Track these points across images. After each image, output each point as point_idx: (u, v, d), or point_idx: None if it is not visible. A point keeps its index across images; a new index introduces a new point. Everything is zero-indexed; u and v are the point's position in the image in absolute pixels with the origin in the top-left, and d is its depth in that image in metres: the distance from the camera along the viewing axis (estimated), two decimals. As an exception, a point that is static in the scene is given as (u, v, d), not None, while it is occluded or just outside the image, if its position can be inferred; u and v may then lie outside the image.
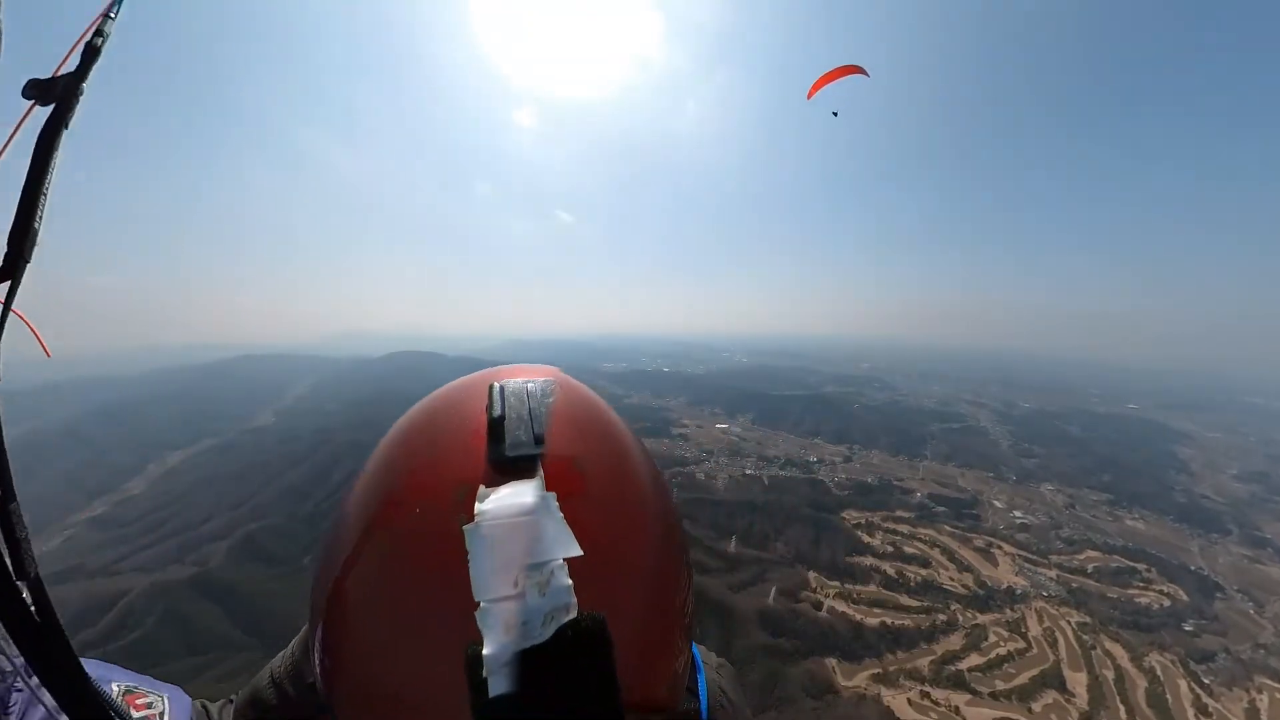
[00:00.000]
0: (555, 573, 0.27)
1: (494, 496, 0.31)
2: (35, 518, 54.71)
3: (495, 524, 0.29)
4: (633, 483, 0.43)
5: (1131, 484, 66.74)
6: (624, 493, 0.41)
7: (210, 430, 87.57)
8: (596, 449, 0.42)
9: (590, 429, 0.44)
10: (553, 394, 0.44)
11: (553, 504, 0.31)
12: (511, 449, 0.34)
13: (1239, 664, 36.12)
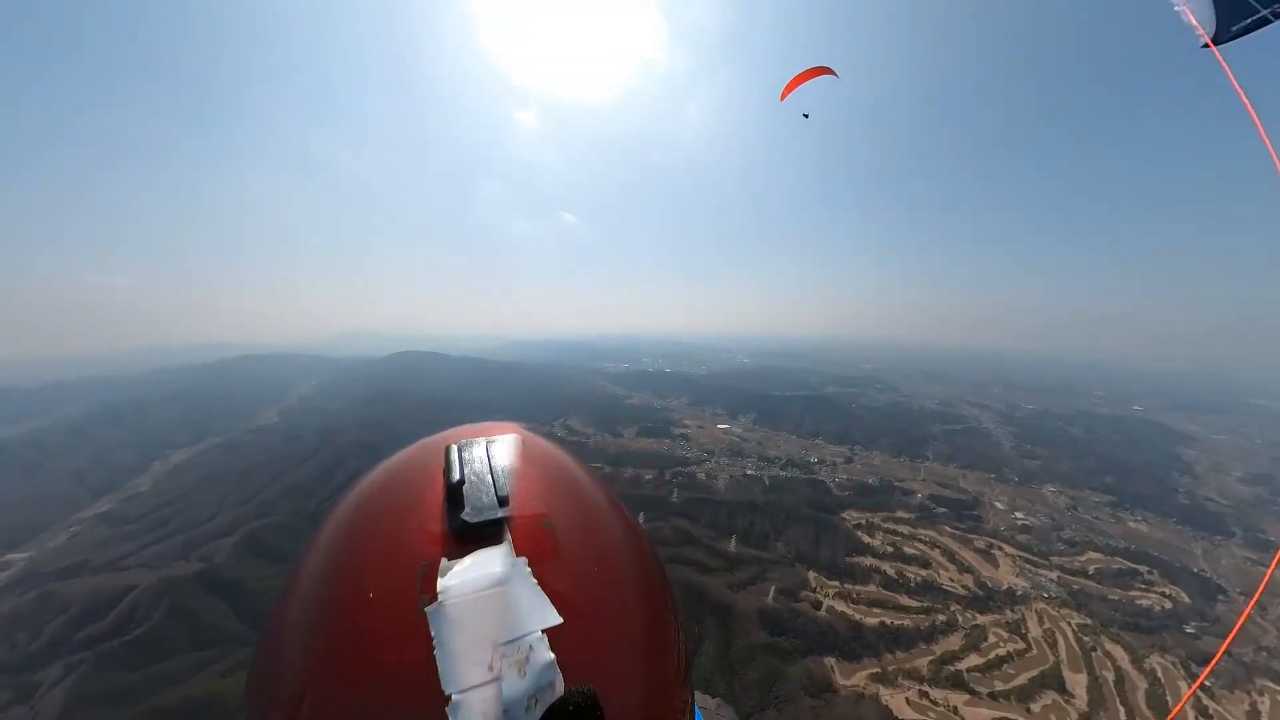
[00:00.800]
0: (534, 648, 0.26)
1: (457, 569, 0.29)
2: (41, 514, 55.50)
3: (461, 601, 0.27)
4: (609, 537, 0.41)
5: (1134, 486, 66.48)
6: (601, 550, 0.37)
7: (214, 429, 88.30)
8: (567, 506, 0.39)
9: (558, 485, 0.42)
10: (515, 453, 0.42)
11: (524, 570, 0.30)
12: (473, 514, 0.33)
13: (1240, 666, 35.98)
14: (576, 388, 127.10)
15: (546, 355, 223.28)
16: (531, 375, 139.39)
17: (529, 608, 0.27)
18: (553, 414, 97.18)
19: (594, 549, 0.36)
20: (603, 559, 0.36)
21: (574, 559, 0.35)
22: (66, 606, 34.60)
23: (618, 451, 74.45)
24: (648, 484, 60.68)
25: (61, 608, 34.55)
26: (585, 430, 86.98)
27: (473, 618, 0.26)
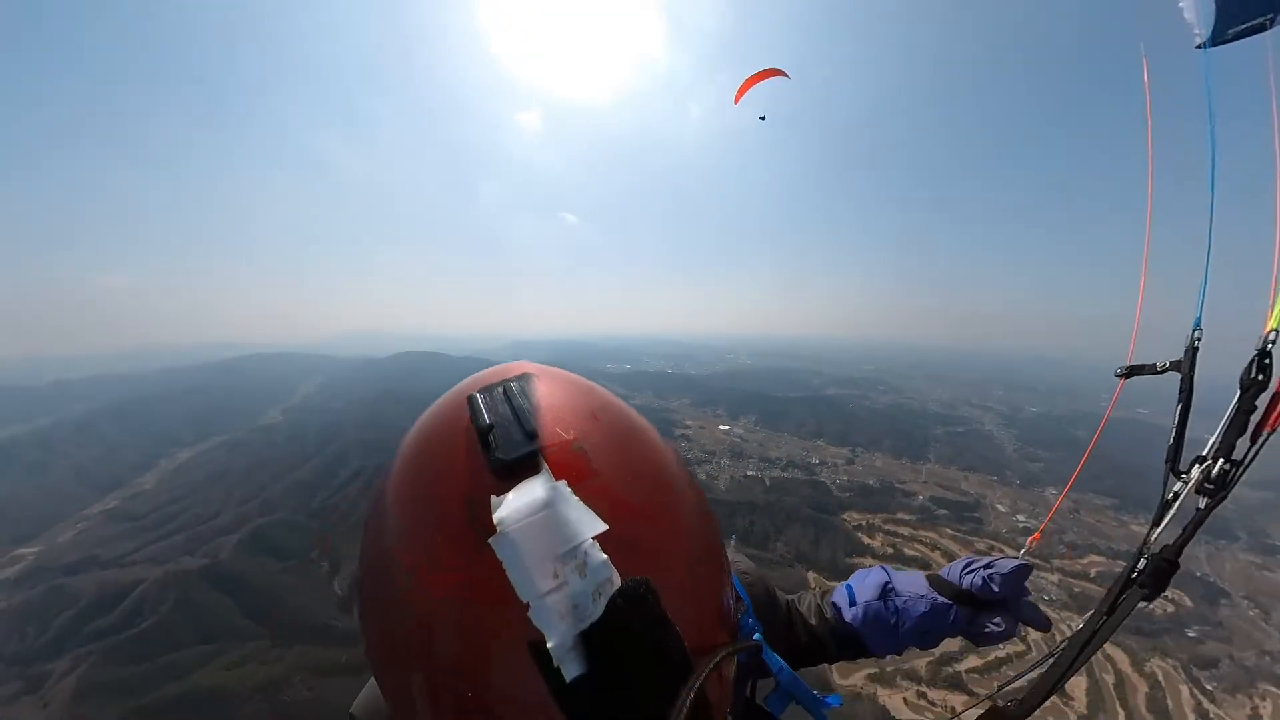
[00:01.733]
0: (589, 552, 0.30)
1: (505, 503, 0.33)
2: (49, 510, 56.36)
3: (517, 528, 0.31)
4: (637, 445, 0.45)
5: (1138, 489, 65.92)
6: (630, 458, 0.43)
7: (220, 428, 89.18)
8: (593, 428, 0.43)
9: (581, 409, 0.45)
10: (533, 388, 0.45)
11: (565, 491, 0.34)
12: (506, 452, 0.36)
13: (1243, 670, 35.87)
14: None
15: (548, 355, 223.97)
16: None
17: (577, 520, 0.31)
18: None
19: (624, 460, 0.42)
20: (634, 467, 0.42)
21: (608, 472, 0.39)
22: (74, 600, 35.17)
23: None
24: (648, 484, 60.85)
25: (69, 602, 35.12)
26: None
27: (530, 539, 0.30)
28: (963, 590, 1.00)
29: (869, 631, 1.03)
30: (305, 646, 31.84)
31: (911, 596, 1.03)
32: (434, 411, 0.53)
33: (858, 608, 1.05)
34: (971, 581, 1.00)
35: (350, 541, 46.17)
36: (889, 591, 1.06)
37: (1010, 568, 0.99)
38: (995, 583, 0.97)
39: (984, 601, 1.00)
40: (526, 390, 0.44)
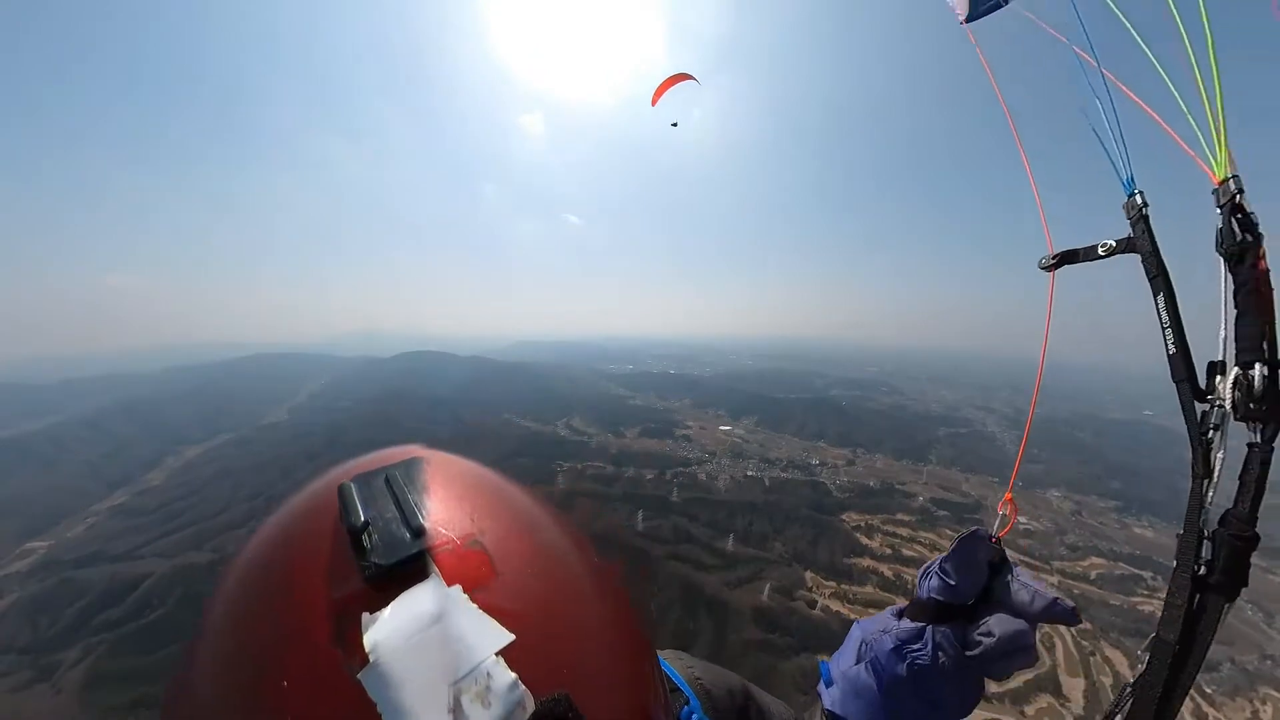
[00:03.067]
0: (493, 673, 0.23)
1: (382, 620, 0.25)
2: (60, 505, 57.42)
3: (397, 652, 0.24)
4: (547, 543, 0.38)
5: (1142, 491, 65.63)
6: (541, 556, 0.36)
7: (226, 426, 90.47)
8: (494, 520, 0.37)
9: (480, 501, 0.39)
10: (423, 477, 0.37)
11: (460, 598, 0.27)
12: (386, 555, 0.28)
13: (1244, 674, 35.68)
14: (580, 388, 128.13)
15: (552, 356, 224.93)
16: (536, 375, 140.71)
17: (475, 634, 0.25)
18: (556, 414, 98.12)
19: (533, 557, 0.35)
20: (544, 565, 0.35)
21: (514, 572, 0.33)
22: (84, 593, 36.00)
23: (619, 451, 75.07)
24: (648, 484, 61.22)
25: (80, 594, 35.95)
26: (588, 430, 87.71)
27: (414, 665, 0.23)
28: (927, 601, 0.75)
29: (859, 710, 0.77)
30: (309, 639, 32.45)
31: (875, 638, 0.78)
32: (294, 506, 0.42)
33: (835, 687, 0.82)
34: (930, 586, 0.75)
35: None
36: (861, 646, 0.81)
37: (957, 542, 0.75)
38: (950, 569, 0.72)
39: (960, 607, 0.73)
40: (413, 477, 0.36)
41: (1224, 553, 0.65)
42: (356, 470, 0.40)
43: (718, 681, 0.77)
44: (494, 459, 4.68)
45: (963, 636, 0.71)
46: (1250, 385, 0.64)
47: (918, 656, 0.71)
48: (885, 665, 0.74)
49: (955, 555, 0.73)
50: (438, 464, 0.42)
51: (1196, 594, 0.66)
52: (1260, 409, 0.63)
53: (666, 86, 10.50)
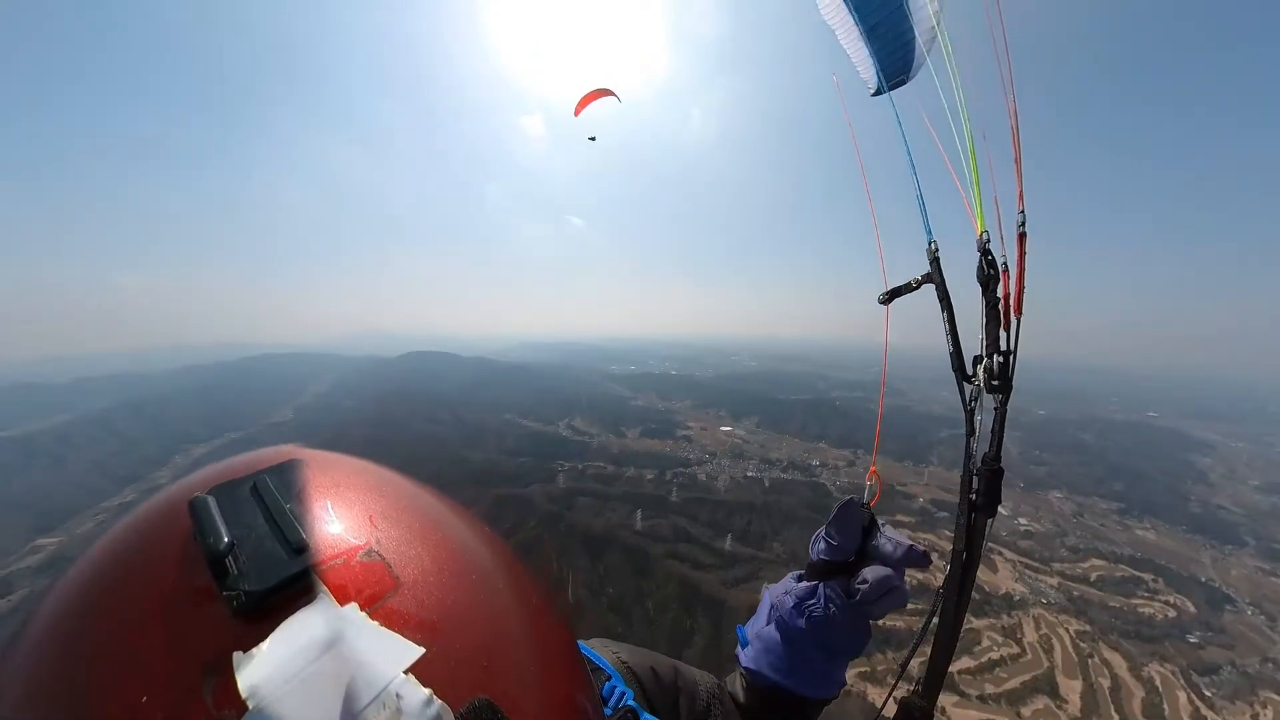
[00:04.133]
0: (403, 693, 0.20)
1: (260, 658, 0.20)
2: (70, 502, 58.44)
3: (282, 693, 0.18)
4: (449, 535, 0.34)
5: (1144, 493, 65.33)
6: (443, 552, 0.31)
7: (233, 425, 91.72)
8: (391, 524, 0.31)
9: (374, 504, 0.33)
10: (302, 481, 0.30)
11: (356, 617, 0.23)
12: (260, 579, 0.22)
13: (1244, 677, 35.52)
14: (582, 388, 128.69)
15: (554, 356, 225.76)
16: (539, 376, 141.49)
17: (378, 654, 0.21)
18: (558, 414, 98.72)
19: (438, 560, 0.30)
20: (452, 566, 0.31)
21: (418, 578, 0.28)
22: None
23: (620, 451, 75.49)
24: (648, 483, 61.60)
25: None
26: (589, 430, 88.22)
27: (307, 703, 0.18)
28: (817, 563, 0.90)
29: (775, 669, 0.87)
30: (313, 634, 33.14)
31: (780, 597, 0.91)
32: (133, 527, 0.30)
33: (750, 647, 0.92)
34: (818, 550, 0.91)
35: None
36: (770, 609, 0.93)
37: (835, 509, 0.89)
38: (833, 532, 0.88)
39: (843, 563, 0.88)
40: (288, 484, 0.29)
41: (983, 483, 0.97)
42: (215, 479, 0.30)
43: (643, 662, 0.81)
44: (495, 458, 5.43)
45: (846, 587, 0.86)
46: (993, 369, 1.02)
47: (813, 610, 0.85)
48: (789, 621, 0.86)
49: (836, 521, 0.88)
50: (320, 466, 0.35)
51: (972, 513, 0.98)
52: (998, 385, 1.01)
53: (589, 100, 10.44)
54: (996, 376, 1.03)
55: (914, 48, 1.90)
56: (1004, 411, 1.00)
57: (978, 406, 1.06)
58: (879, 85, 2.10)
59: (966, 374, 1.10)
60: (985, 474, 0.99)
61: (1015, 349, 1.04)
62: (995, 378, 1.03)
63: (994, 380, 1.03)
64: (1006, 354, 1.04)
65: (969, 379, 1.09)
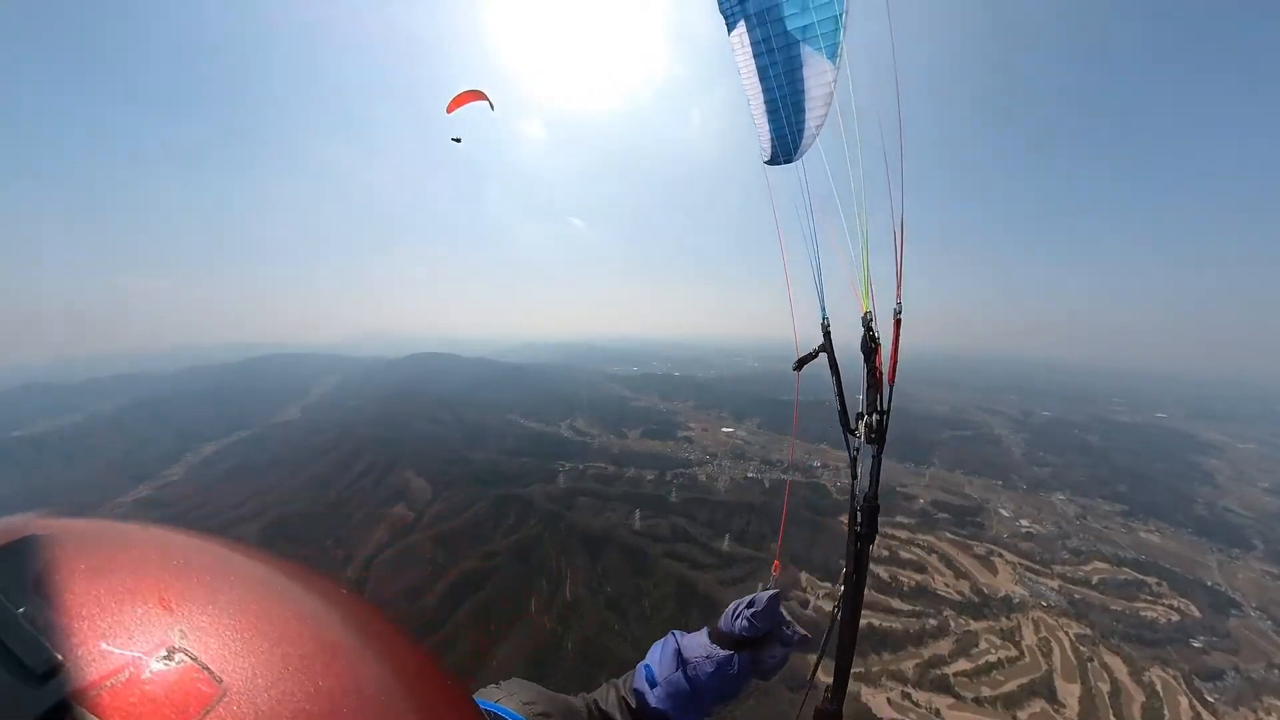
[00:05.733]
0: None
1: None
2: (84, 499, 59.86)
3: None
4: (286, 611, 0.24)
5: (1150, 495, 64.61)
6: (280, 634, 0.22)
7: (242, 423, 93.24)
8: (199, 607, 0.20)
9: (169, 583, 0.22)
10: (41, 566, 0.19)
11: None
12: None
13: (1249, 683, 35.02)
14: (584, 389, 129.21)
15: (557, 357, 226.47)
16: (541, 376, 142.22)
17: None
18: (560, 415, 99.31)
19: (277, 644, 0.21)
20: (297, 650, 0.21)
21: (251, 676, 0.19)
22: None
23: (621, 452, 75.86)
24: (648, 484, 61.93)
25: (104, 583, 37.78)
26: (590, 431, 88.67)
27: None
28: (738, 636, 1.07)
29: (674, 709, 1.04)
30: (317, 629, 33.93)
31: (699, 660, 1.06)
32: None
33: (659, 688, 1.06)
34: (740, 626, 1.06)
35: (363, 531, 48.35)
36: (683, 660, 1.08)
37: (764, 601, 1.08)
38: (757, 620, 1.05)
39: (756, 639, 1.08)
40: (19, 578, 0.19)
41: (865, 516, 1.24)
42: None
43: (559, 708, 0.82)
44: (496, 458, 6.11)
45: (754, 657, 1.08)
46: (871, 426, 1.29)
47: (726, 672, 1.05)
48: (703, 679, 1.05)
49: (764, 611, 1.07)
50: (77, 542, 0.22)
51: (859, 541, 1.25)
52: (874, 438, 1.27)
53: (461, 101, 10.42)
54: (874, 431, 1.30)
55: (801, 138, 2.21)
56: (879, 459, 1.28)
57: (859, 455, 1.34)
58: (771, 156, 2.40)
59: (850, 428, 1.40)
60: (867, 508, 1.25)
61: (888, 410, 1.30)
62: (873, 432, 1.30)
63: (872, 434, 1.30)
64: (882, 413, 1.30)
65: (852, 432, 1.38)
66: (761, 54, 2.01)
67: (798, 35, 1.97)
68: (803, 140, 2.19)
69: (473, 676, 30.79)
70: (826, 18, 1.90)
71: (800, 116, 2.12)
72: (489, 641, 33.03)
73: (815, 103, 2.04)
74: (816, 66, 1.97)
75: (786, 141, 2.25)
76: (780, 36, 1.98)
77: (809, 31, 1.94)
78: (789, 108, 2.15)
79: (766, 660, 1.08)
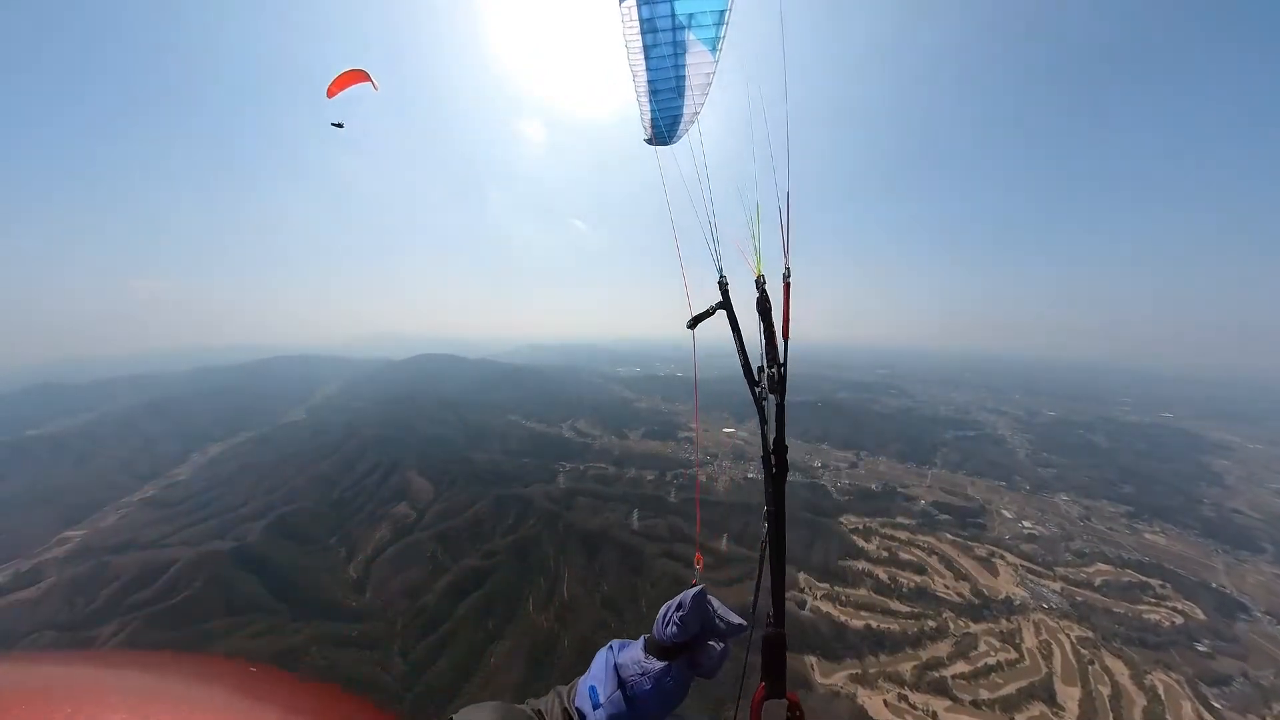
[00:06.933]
0: None
1: None
2: (94, 497, 60.81)
3: None
4: None
5: (1156, 496, 63.75)
6: None
7: (248, 424, 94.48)
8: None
9: None
10: None
11: None
12: None
13: (1256, 689, 34.16)
14: (587, 390, 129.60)
15: (560, 358, 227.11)
16: (544, 377, 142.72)
17: None
18: (562, 416, 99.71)
19: None
20: None
21: None
22: (118, 576, 38.65)
23: (622, 453, 76.06)
24: (648, 484, 62.05)
25: (113, 577, 38.62)
26: (592, 432, 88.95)
27: None
28: (667, 644, 1.04)
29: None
30: (321, 621, 34.77)
31: (635, 678, 1.04)
32: None
33: (601, 709, 1.05)
34: (670, 634, 1.04)
35: (365, 530, 48.94)
36: (620, 680, 1.07)
37: (690, 601, 1.04)
38: (686, 621, 1.02)
39: (691, 642, 1.05)
40: None
41: (775, 456, 1.43)
42: None
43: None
44: (498, 459, 6.65)
45: (691, 660, 1.06)
46: (771, 377, 1.51)
47: (665, 684, 1.03)
48: (640, 696, 1.04)
49: (691, 611, 1.03)
50: None
51: (774, 486, 1.44)
52: (776, 388, 1.49)
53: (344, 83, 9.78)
54: (774, 382, 1.53)
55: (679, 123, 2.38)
56: (783, 406, 1.49)
57: (765, 404, 1.56)
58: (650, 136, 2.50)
59: (754, 380, 1.61)
60: (776, 450, 1.42)
61: (785, 363, 1.54)
62: (773, 384, 1.53)
63: (774, 385, 1.53)
64: (781, 366, 1.51)
65: (756, 384, 1.60)
66: (647, 32, 2.02)
67: (684, 21, 2.01)
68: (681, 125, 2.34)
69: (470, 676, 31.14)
70: (712, 10, 1.97)
71: (679, 101, 2.23)
72: (487, 639, 33.38)
73: (695, 90, 2.17)
74: (699, 56, 2.06)
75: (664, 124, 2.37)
76: (666, 19, 2.00)
77: (695, 20, 1.99)
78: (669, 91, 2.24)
79: (705, 661, 1.06)
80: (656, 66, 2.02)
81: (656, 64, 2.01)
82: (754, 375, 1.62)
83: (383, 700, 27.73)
